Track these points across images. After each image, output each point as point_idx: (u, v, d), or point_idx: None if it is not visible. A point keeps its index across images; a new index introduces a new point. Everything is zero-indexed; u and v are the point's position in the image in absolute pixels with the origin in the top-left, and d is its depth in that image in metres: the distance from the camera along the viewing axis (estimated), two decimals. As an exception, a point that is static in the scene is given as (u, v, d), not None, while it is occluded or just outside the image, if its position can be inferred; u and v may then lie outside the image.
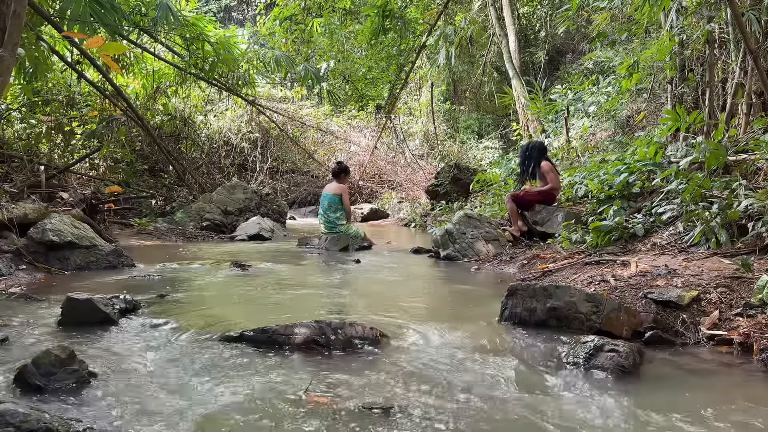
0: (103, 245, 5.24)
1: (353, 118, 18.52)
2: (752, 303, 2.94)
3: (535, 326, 3.04)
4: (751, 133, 5.62)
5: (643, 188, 5.77)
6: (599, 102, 10.94)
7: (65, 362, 2.13)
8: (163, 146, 10.63)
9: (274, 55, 10.91)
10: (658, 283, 3.42)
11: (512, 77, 13.94)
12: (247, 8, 29.25)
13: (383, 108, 15.66)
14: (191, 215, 9.01)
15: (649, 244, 4.67)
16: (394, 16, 12.94)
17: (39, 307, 3.44)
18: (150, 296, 3.72)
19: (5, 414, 1.60)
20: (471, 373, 2.37)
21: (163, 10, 8.19)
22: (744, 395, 2.24)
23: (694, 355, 2.72)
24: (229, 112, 15.24)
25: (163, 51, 10.54)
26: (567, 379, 2.33)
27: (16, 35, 4.14)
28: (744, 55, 5.88)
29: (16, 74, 6.93)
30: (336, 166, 7.78)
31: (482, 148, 17.84)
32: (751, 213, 4.06)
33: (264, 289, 4.32)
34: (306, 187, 16.16)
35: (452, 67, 16.86)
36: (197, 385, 2.18)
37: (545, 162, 6.64)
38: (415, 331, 2.97)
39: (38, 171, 7.68)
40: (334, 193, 7.42)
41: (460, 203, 11.06)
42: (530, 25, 18.86)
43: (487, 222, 6.48)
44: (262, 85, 16.36)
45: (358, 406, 1.99)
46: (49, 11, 7.37)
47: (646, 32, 8.99)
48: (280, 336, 2.69)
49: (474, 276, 5.20)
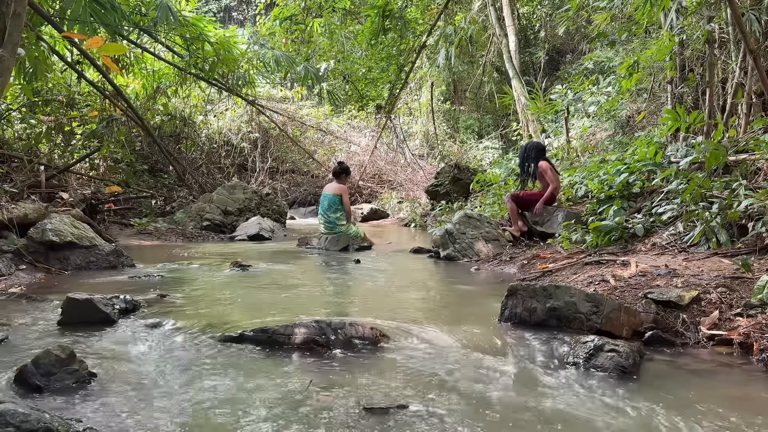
0: (103, 245, 5.24)
1: (353, 118, 18.52)
2: (752, 303, 2.94)
3: (535, 326, 3.04)
4: (751, 133, 5.62)
5: (643, 188, 5.77)
6: (599, 102, 10.94)
7: (65, 362, 2.13)
8: (163, 146, 10.63)
9: (274, 55, 10.92)
10: (658, 283, 3.42)
11: (512, 77, 13.93)
12: (247, 8, 29.25)
13: (383, 108, 15.66)
14: (191, 215, 9.01)
15: (649, 244, 4.67)
16: (394, 16, 12.94)
17: (39, 307, 3.44)
18: (150, 296, 3.72)
19: (5, 414, 1.60)
20: (471, 373, 2.37)
21: (163, 10, 8.19)
22: (744, 395, 2.24)
23: (694, 355, 2.72)
24: (229, 112, 15.24)
25: (163, 51, 10.54)
26: (567, 379, 2.33)
27: (16, 35, 4.14)
28: (744, 55, 5.88)
29: (16, 74, 6.93)
30: (337, 166, 7.78)
31: (482, 148, 17.84)
32: (751, 213, 4.06)
33: (264, 289, 4.32)
34: (306, 187, 16.15)
35: (452, 67, 16.84)
36: (197, 384, 2.18)
37: (543, 162, 6.64)
38: (414, 331, 2.96)
39: (38, 171, 7.68)
40: (334, 194, 7.41)
41: (460, 203, 11.06)
42: (530, 25, 18.85)
43: (487, 222, 6.48)
44: (262, 85, 16.37)
45: (358, 405, 1.98)
46: (49, 11, 7.37)
47: (646, 32, 8.98)
48: (281, 336, 2.69)
49: (474, 276, 5.20)
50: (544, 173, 6.58)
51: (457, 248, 6.12)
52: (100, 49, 3.64)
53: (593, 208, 5.98)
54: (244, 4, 29.54)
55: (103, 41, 3.56)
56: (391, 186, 15.69)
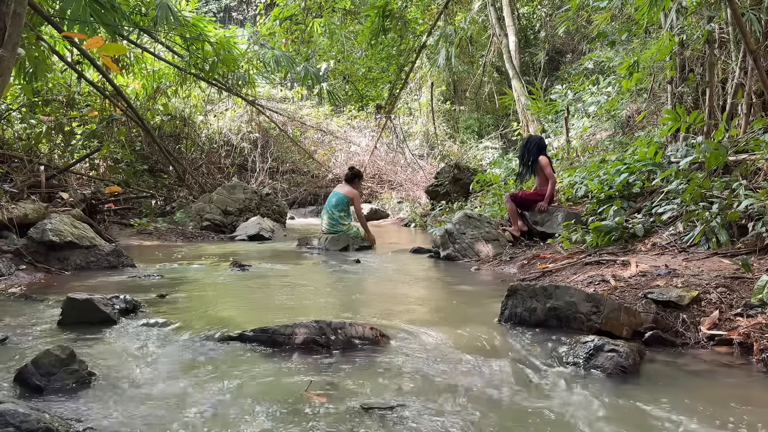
0: (103, 245, 5.24)
1: (353, 118, 18.52)
2: (752, 303, 2.94)
3: (535, 326, 3.04)
4: (751, 133, 5.62)
5: (643, 188, 5.76)
6: (599, 102, 10.94)
7: (65, 362, 2.13)
8: (163, 146, 10.63)
9: (274, 55, 10.91)
10: (658, 283, 3.41)
11: (512, 77, 13.93)
12: (247, 8, 29.24)
13: (383, 108, 15.66)
14: (191, 215, 9.01)
15: (649, 244, 4.67)
16: (394, 16, 12.93)
17: (39, 307, 3.45)
18: (150, 296, 3.72)
19: (5, 414, 1.60)
20: (471, 373, 2.37)
21: (163, 10, 8.18)
22: (744, 395, 2.23)
23: (694, 355, 2.72)
24: (229, 112, 15.24)
25: (163, 51, 10.54)
26: (567, 380, 2.33)
27: (16, 35, 4.14)
28: (744, 55, 5.87)
29: (16, 74, 6.93)
30: (349, 171, 7.81)
31: (482, 148, 17.83)
32: (751, 213, 4.06)
33: (264, 289, 4.32)
34: (306, 187, 16.15)
35: (452, 67, 16.82)
36: (197, 384, 2.18)
37: (543, 157, 6.64)
38: (414, 331, 2.96)
39: (38, 171, 7.68)
40: (345, 195, 7.43)
41: (460, 203, 11.06)
42: (530, 26, 18.85)
43: (487, 222, 6.48)
44: (262, 85, 16.36)
45: (358, 405, 1.99)
46: (49, 11, 7.37)
47: (646, 32, 8.98)
48: (280, 336, 2.69)
49: (474, 276, 5.20)
50: (544, 168, 6.57)
51: (457, 248, 6.12)
52: (100, 49, 3.64)
53: (593, 208, 5.98)
54: (244, 4, 29.53)
55: (103, 41, 3.56)
56: (391, 186, 15.69)
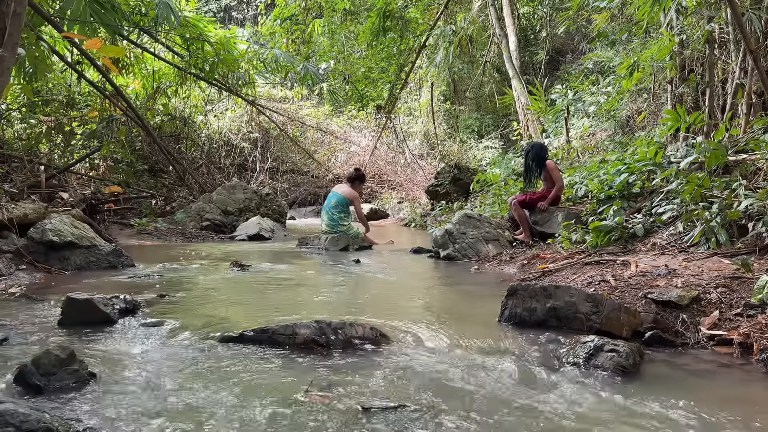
0: (103, 245, 5.24)
1: (353, 118, 18.52)
2: (752, 303, 2.94)
3: (535, 326, 3.04)
4: (751, 133, 5.62)
5: (643, 188, 5.76)
6: (599, 102, 10.94)
7: (65, 362, 2.13)
8: (163, 146, 10.63)
9: (274, 54, 10.91)
10: (658, 283, 3.41)
11: (512, 77, 13.93)
12: (247, 8, 29.25)
13: (383, 108, 15.67)
14: (191, 215, 9.01)
15: (649, 244, 4.67)
16: (394, 16, 12.94)
17: (39, 307, 3.44)
18: (150, 296, 3.72)
19: (5, 414, 1.60)
20: (471, 373, 2.37)
21: (163, 10, 8.18)
22: (744, 395, 2.24)
23: (694, 355, 2.71)
24: (229, 112, 15.25)
25: (163, 51, 10.54)
26: (567, 379, 2.33)
27: (16, 35, 4.14)
28: (744, 55, 5.87)
29: (16, 74, 6.94)
30: (354, 172, 7.80)
31: (482, 148, 17.84)
32: (751, 213, 4.06)
33: (264, 289, 4.32)
34: (306, 187, 16.16)
35: (452, 67, 16.84)
36: (197, 384, 2.18)
37: (550, 161, 6.65)
38: (414, 331, 2.96)
39: (38, 171, 7.68)
40: (345, 195, 7.42)
41: (460, 203, 11.06)
42: (530, 25, 18.85)
43: (487, 222, 6.47)
44: (262, 85, 16.37)
45: (358, 405, 1.98)
46: (49, 11, 7.37)
47: (646, 32, 8.98)
48: (281, 336, 2.69)
49: (474, 276, 5.20)
50: (552, 172, 6.55)
51: (457, 248, 6.11)
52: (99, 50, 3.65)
53: (593, 208, 5.98)
54: (244, 4, 29.54)
55: (102, 42, 3.56)
56: (391, 186, 15.70)
